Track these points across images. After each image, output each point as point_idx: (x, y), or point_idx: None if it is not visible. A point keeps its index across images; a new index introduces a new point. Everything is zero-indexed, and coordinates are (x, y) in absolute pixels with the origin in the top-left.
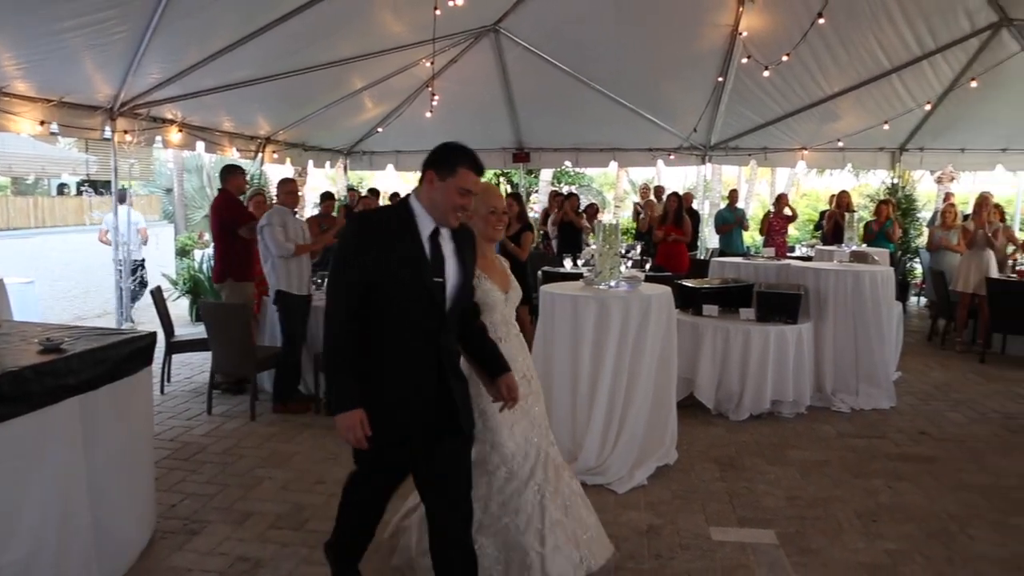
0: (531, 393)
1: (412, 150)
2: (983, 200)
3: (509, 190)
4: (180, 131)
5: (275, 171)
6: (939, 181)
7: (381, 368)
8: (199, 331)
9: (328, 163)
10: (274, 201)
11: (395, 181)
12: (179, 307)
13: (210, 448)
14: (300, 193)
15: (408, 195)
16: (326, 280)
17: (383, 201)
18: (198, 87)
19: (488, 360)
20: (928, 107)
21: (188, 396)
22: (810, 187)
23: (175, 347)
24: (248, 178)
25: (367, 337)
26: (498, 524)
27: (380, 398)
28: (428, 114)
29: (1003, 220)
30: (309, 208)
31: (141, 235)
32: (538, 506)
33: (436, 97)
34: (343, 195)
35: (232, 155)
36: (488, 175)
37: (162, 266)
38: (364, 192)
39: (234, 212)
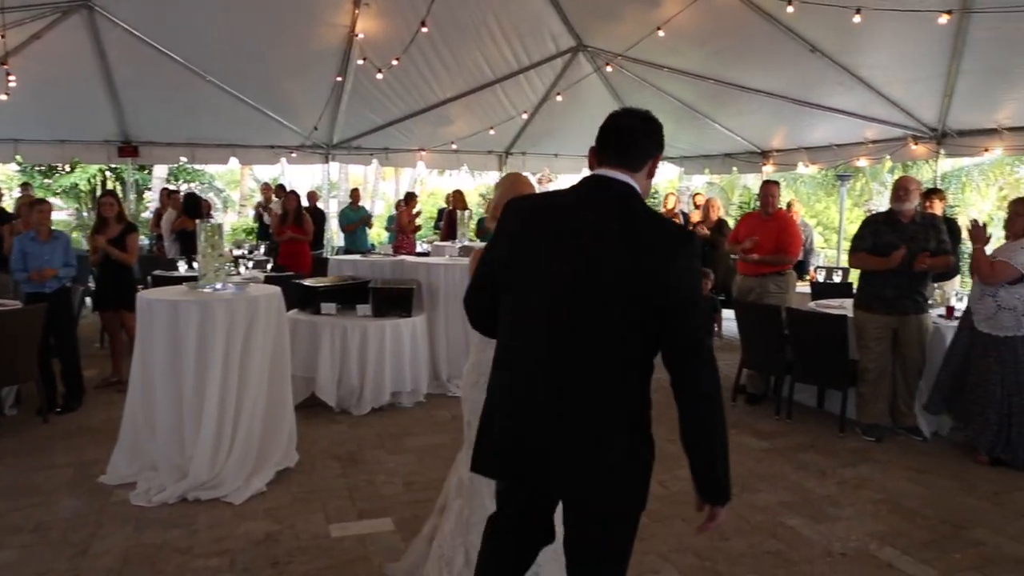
0: None
1: None
2: None
3: (110, 188)
4: None
5: None
6: (540, 182)
7: None
8: None
9: None
10: None
11: None
12: None
13: None
14: None
15: (633, 194)
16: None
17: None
18: None
19: None
20: (526, 116)
21: None
22: (436, 186)
23: None
24: None
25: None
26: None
27: None
28: (3, 96)
29: None
30: None
31: None
32: None
33: (12, 78)
34: None
35: None
36: (91, 171)
37: None
38: None
39: None
